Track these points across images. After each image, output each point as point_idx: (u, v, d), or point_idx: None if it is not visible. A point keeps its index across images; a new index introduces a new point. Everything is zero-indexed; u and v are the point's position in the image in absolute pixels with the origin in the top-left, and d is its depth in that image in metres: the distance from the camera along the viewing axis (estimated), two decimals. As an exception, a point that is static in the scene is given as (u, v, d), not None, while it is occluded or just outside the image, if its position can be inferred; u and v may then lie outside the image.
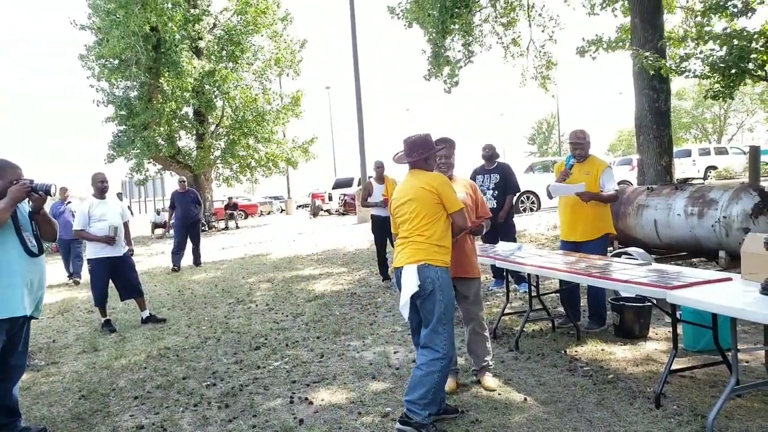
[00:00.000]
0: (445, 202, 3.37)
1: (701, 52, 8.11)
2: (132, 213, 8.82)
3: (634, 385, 3.76)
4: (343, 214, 24.36)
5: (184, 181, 12.11)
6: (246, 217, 29.41)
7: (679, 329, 4.03)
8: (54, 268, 13.63)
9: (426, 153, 3.53)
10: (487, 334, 4.07)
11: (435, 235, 3.36)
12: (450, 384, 3.80)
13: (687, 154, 23.43)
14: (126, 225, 6.75)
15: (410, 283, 3.29)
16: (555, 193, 5.38)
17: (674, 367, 3.51)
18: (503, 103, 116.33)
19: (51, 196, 3.64)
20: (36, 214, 3.66)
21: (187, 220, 11.45)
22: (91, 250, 6.52)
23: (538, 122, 72.17)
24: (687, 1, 12.17)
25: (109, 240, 6.39)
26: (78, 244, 10.43)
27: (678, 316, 3.70)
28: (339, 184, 27.12)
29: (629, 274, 3.77)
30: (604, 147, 57.93)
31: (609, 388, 3.77)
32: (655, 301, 4.18)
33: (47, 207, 3.81)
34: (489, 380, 3.96)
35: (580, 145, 5.18)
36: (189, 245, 11.72)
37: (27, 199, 3.54)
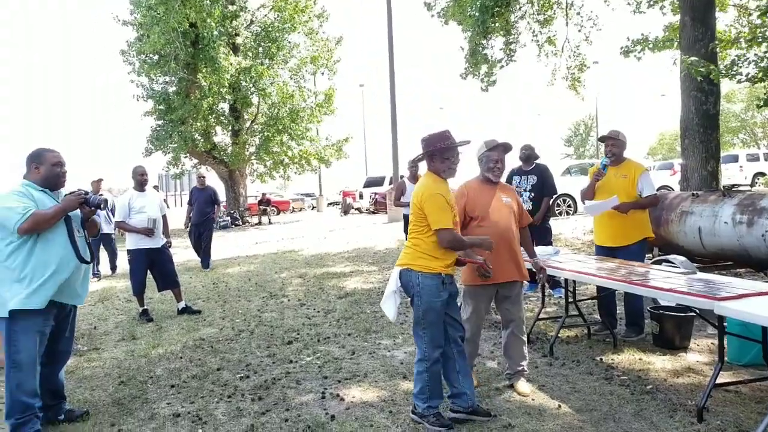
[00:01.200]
0: (428, 217, 3.34)
1: (755, 55, 7.81)
2: (168, 206, 8.72)
3: (674, 397, 3.66)
4: (374, 213, 24.38)
5: (203, 177, 11.46)
6: (278, 213, 29.71)
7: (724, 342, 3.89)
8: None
9: (428, 150, 3.45)
10: (524, 338, 4.03)
11: (422, 244, 3.37)
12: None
13: (734, 159, 22.56)
14: (164, 217, 6.89)
15: (391, 283, 3.47)
16: (591, 212, 5.26)
17: (719, 380, 3.39)
18: (540, 103, 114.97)
19: (101, 209, 3.78)
20: (85, 221, 3.79)
21: (199, 219, 10.81)
22: (131, 241, 6.67)
23: (575, 124, 71.04)
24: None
25: (148, 232, 6.52)
26: (111, 239, 10.48)
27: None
28: (370, 183, 27.14)
29: (673, 282, 3.66)
30: (643, 150, 56.61)
31: (647, 398, 3.66)
32: (698, 312, 4.06)
33: None
34: (523, 386, 3.91)
35: (614, 141, 5.03)
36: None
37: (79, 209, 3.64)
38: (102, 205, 3.72)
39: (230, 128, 23.02)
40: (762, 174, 22.01)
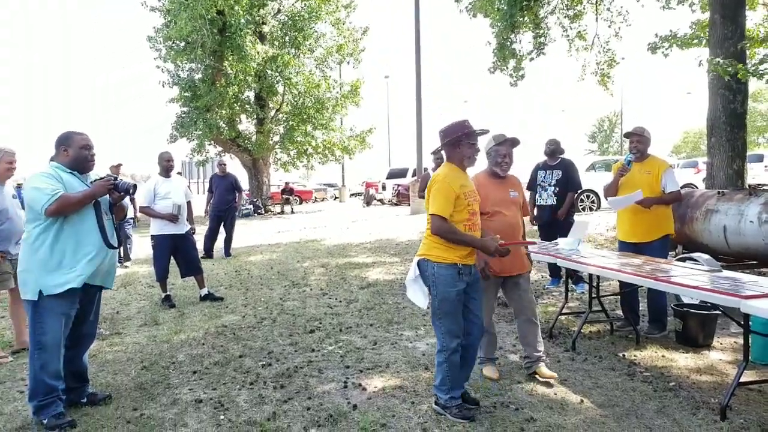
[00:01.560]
0: (429, 202, 3.39)
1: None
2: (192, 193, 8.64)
3: (697, 395, 3.63)
4: (396, 204, 24.41)
5: (224, 165, 11.29)
6: (300, 203, 29.91)
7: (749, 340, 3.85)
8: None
9: (447, 139, 3.45)
10: (538, 323, 4.13)
11: None
12: (491, 372, 4.08)
13: (759, 159, 22.20)
14: (189, 204, 6.97)
15: (411, 272, 3.52)
16: (615, 207, 5.24)
17: (742, 379, 3.36)
18: (565, 99, 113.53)
19: (131, 195, 3.82)
20: (113, 206, 3.83)
21: (221, 206, 10.72)
22: (155, 227, 6.76)
23: (599, 120, 70.09)
24: (772, -3, 11.48)
25: (173, 218, 6.61)
26: (127, 224, 9.87)
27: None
28: (393, 174, 27.16)
29: (698, 280, 3.62)
30: (668, 148, 55.71)
31: (670, 395, 3.64)
32: (722, 310, 4.01)
33: None
34: (545, 370, 3.98)
35: (639, 138, 5.03)
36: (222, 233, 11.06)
37: (108, 194, 3.68)
38: (131, 191, 3.77)
39: (255, 117, 23.13)
40: None
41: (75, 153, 3.61)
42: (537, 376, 3.98)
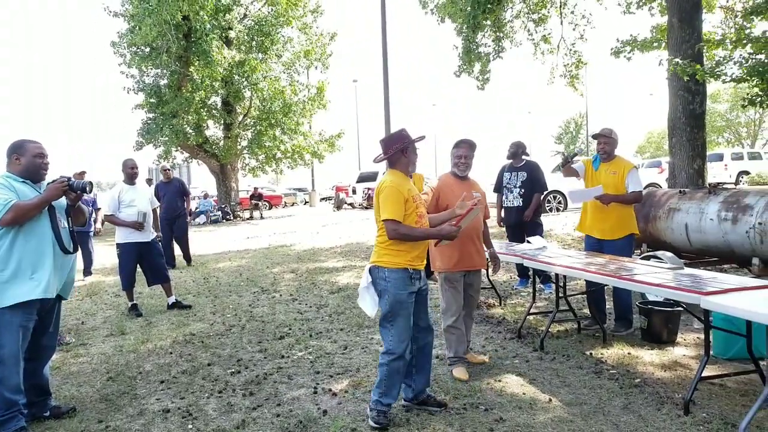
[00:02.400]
0: (380, 209, 3.40)
1: (740, 56, 7.93)
2: (158, 200, 8.21)
3: (661, 390, 3.71)
4: (367, 208, 24.39)
5: (168, 170, 10.57)
6: (270, 208, 29.65)
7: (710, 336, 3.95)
8: (80, 251, 13.91)
9: (395, 147, 3.49)
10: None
11: (386, 240, 3.40)
12: (461, 373, 4.13)
13: (719, 158, 22.96)
14: (155, 211, 6.86)
15: (363, 280, 3.53)
16: (574, 200, 5.40)
17: (704, 374, 3.45)
18: (530, 101, 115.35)
19: (88, 193, 3.70)
20: (71, 208, 3.72)
21: (170, 214, 10.16)
22: (120, 235, 6.62)
23: (565, 121, 71.26)
24: (727, 1, 11.86)
25: (138, 226, 6.49)
26: (87, 237, 9.26)
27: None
28: (363, 178, 27.11)
29: (661, 277, 3.71)
30: (632, 148, 57.02)
31: (636, 392, 3.71)
32: (685, 306, 4.11)
33: None
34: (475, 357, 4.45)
35: (606, 140, 5.16)
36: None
37: (64, 196, 3.57)
38: (87, 189, 3.62)
39: (222, 122, 22.92)
40: (746, 172, 22.39)
41: (27, 162, 3.50)
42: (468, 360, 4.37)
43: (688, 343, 4.75)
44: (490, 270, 4.46)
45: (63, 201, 3.64)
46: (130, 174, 6.70)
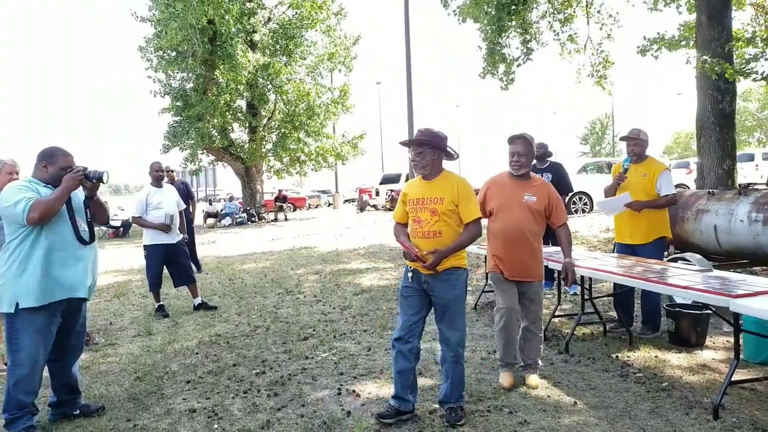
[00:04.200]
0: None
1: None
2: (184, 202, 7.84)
3: (690, 395, 3.64)
4: (390, 210, 24.41)
5: (171, 171, 9.71)
6: (294, 210, 29.88)
7: (740, 339, 3.87)
8: (110, 252, 14.21)
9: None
10: (541, 335, 4.17)
11: None
12: (504, 379, 3.98)
13: (750, 158, 22.42)
14: (181, 214, 6.96)
15: None
16: (605, 211, 5.29)
17: (734, 378, 3.38)
18: (556, 101, 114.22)
19: (104, 183, 3.64)
20: (90, 200, 3.69)
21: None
22: (147, 237, 6.74)
23: (591, 122, 70.45)
24: (757, -1, 11.59)
25: (165, 228, 6.60)
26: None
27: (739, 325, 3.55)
28: (386, 180, 27.18)
29: (689, 280, 3.65)
30: (659, 149, 56.11)
31: (663, 396, 3.65)
32: (713, 309, 4.04)
33: None
34: (533, 378, 4.01)
35: (635, 141, 5.07)
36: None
37: (81, 186, 3.55)
38: (104, 178, 3.57)
39: (247, 125, 23.15)
40: None
41: (55, 172, 3.50)
42: (525, 385, 3.96)
43: (717, 346, 4.66)
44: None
45: (80, 196, 3.63)
46: (156, 176, 6.82)
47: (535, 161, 7.00)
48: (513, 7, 11.61)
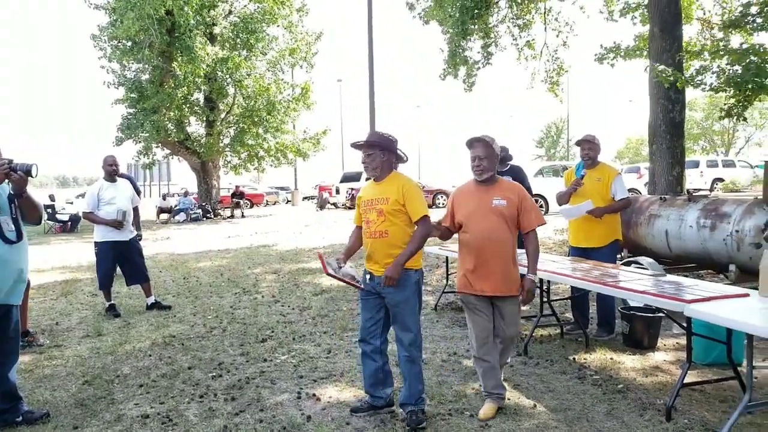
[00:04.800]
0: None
1: (718, 66, 8.08)
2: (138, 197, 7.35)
3: (644, 396, 3.74)
4: (350, 208, 24.32)
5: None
6: (251, 207, 29.43)
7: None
8: (57, 248, 13.67)
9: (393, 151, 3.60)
10: (505, 360, 3.92)
11: None
12: (485, 411, 3.54)
13: (695, 165, 23.48)
14: (136, 210, 6.73)
15: None
16: (566, 216, 5.39)
17: (686, 380, 3.48)
18: (512, 104, 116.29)
19: (33, 177, 3.39)
20: (18, 197, 3.43)
21: None
22: (99, 233, 6.49)
23: (546, 126, 71.92)
24: (704, 13, 12.08)
25: (117, 224, 6.36)
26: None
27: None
28: (347, 178, 27.06)
29: (644, 284, 3.74)
30: (611, 153, 57.85)
31: (619, 398, 3.74)
32: (666, 313, 4.15)
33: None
34: (485, 409, 3.57)
35: (590, 145, 5.19)
36: None
37: (6, 180, 3.32)
38: (33, 172, 3.32)
39: (204, 119, 22.69)
40: (720, 179, 23.05)
41: None
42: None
43: (668, 348, 4.81)
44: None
45: (6, 188, 3.43)
46: (109, 171, 6.56)
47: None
48: (476, 11, 11.74)
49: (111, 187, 6.50)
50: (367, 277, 3.58)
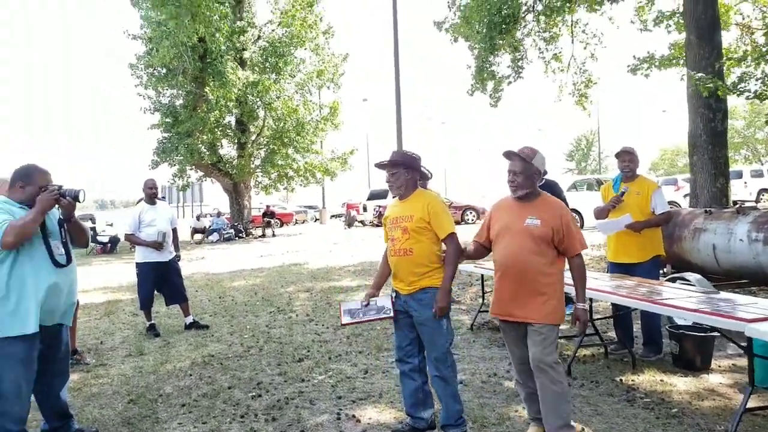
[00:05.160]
0: None
1: (762, 72, 7.85)
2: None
3: (702, 422, 3.56)
4: (377, 226, 24.33)
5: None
6: (281, 226, 29.66)
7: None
8: (98, 269, 13.95)
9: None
10: (555, 388, 3.24)
11: None
12: None
13: (738, 175, 22.60)
14: (174, 231, 6.82)
15: None
16: (604, 231, 5.24)
17: (749, 405, 3.31)
18: (541, 118, 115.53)
19: (80, 202, 3.46)
20: (67, 221, 3.51)
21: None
22: (140, 255, 6.60)
23: (576, 139, 71.11)
24: (743, 18, 11.80)
25: (158, 245, 6.46)
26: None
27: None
28: (374, 196, 27.12)
29: (697, 302, 3.59)
30: (646, 165, 56.74)
31: (674, 422, 3.57)
32: (721, 332, 3.98)
33: None
34: None
35: (630, 157, 5.07)
36: None
37: (56, 206, 3.39)
38: (80, 197, 3.40)
39: (236, 141, 23.15)
40: (766, 190, 22.03)
41: (32, 192, 3.32)
42: None
43: (722, 369, 4.59)
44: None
45: (54, 217, 3.48)
46: (149, 194, 6.69)
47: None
48: (504, 26, 11.71)
49: (151, 210, 6.62)
50: (393, 295, 3.56)
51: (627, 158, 5.10)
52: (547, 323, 3.18)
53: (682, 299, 3.72)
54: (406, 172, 3.50)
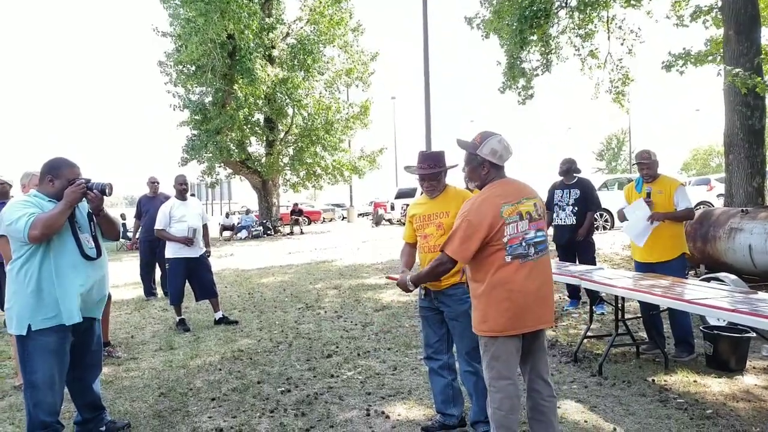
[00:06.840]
0: None
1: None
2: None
3: (737, 423, 3.48)
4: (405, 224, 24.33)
5: (155, 183, 8.97)
6: (309, 223, 29.88)
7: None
8: (128, 264, 14.24)
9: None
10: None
11: None
12: None
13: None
14: (205, 227, 6.93)
15: None
16: (630, 233, 5.16)
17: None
18: (571, 117, 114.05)
19: (108, 195, 3.43)
20: (96, 215, 3.54)
21: (152, 234, 7.62)
22: (170, 250, 6.71)
23: (607, 138, 70.05)
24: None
25: (188, 241, 6.56)
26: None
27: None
28: (401, 194, 27.08)
29: (734, 302, 3.51)
30: (677, 165, 55.60)
31: (709, 424, 3.50)
32: (759, 333, 3.89)
33: None
34: None
35: (646, 165, 5.05)
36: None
37: (84, 199, 3.40)
38: (107, 190, 3.38)
39: (265, 139, 23.33)
40: None
41: (61, 186, 3.33)
42: None
43: (758, 371, 4.47)
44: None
45: (83, 210, 3.52)
46: (180, 190, 6.80)
47: (562, 177, 6.91)
48: (535, 20, 11.58)
49: (182, 206, 6.72)
50: (423, 293, 3.52)
51: (645, 166, 5.06)
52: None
53: (718, 299, 3.64)
54: (444, 173, 3.50)
